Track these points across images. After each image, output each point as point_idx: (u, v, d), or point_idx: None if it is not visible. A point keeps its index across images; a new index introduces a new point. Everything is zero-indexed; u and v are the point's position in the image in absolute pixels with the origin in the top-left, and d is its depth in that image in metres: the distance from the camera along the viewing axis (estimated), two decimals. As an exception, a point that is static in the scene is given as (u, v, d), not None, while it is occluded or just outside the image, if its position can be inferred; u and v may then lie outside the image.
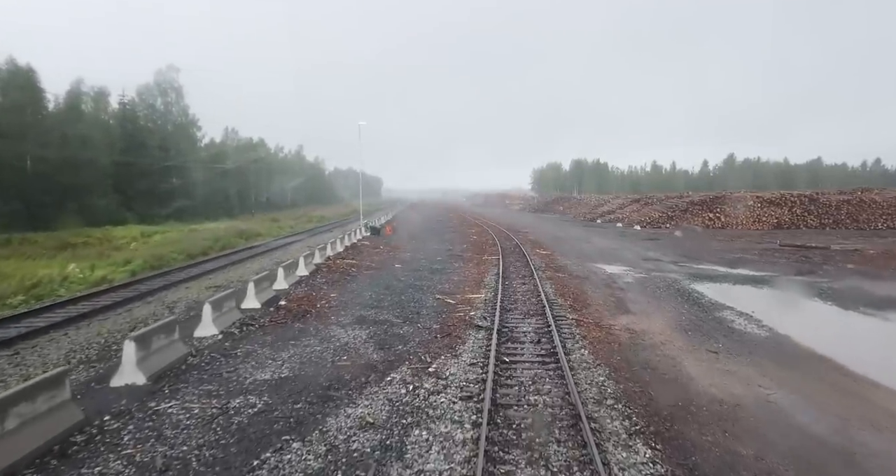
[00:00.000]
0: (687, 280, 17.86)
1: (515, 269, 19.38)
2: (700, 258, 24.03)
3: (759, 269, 20.33)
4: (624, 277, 18.44)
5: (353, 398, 6.82)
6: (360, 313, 11.84)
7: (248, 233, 33.82)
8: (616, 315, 12.39)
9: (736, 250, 27.46)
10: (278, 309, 11.86)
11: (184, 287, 14.48)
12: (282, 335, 9.74)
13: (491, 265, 20.39)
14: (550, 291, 15.06)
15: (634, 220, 50.74)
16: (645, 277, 18.43)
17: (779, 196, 48.25)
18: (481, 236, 33.81)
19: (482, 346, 9.42)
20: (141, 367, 6.75)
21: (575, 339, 9.91)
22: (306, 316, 11.35)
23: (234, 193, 70.20)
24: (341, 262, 20.04)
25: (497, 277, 17.18)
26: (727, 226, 45.87)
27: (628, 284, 16.97)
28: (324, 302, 12.92)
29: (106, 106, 46.27)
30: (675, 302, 14.15)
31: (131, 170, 47.81)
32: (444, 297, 13.89)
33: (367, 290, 14.84)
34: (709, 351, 9.49)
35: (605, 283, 17.20)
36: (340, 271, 18.07)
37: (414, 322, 11.16)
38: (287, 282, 14.68)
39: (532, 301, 13.54)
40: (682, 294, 15.29)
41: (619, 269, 20.40)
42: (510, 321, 11.37)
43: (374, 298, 13.60)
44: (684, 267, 21.22)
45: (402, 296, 14.11)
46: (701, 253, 26.24)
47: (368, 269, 19.14)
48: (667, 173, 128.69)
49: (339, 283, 15.85)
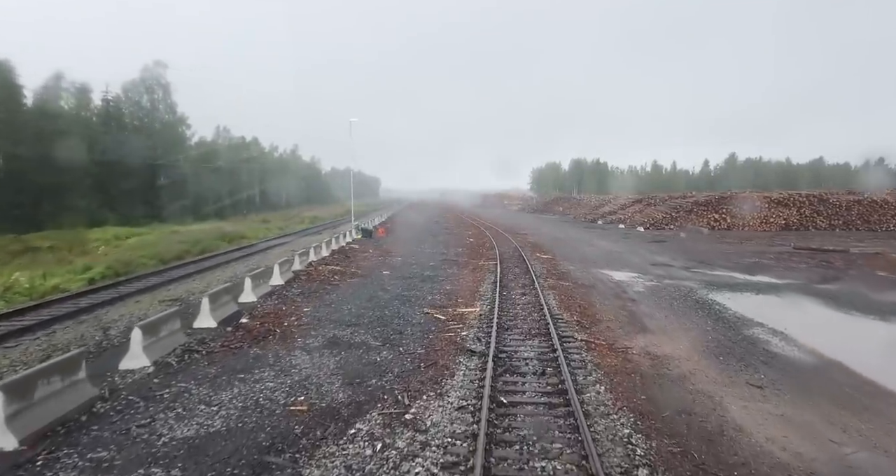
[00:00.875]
0: (704, 289, 16.16)
1: (514, 277, 17.67)
2: (712, 263, 22.35)
3: (780, 276, 18.65)
4: (634, 286, 16.75)
5: (298, 467, 5.09)
6: (333, 333, 10.10)
7: (233, 235, 32.06)
8: (631, 334, 10.68)
9: (749, 254, 25.80)
10: (237, 328, 10.12)
11: (134, 301, 12.67)
12: (231, 366, 8.00)
13: (488, 272, 18.68)
14: (554, 304, 13.35)
15: (637, 221, 49.09)
16: (657, 286, 16.73)
17: (786, 196, 46.64)
18: (478, 239, 32.10)
19: (475, 379, 7.70)
20: (12, 426, 4.99)
21: (587, 369, 8.20)
22: (268, 337, 9.62)
23: (226, 194, 68.39)
24: (324, 268, 18.29)
25: (494, 286, 15.48)
26: (733, 227, 44.27)
27: (640, 295, 15.26)
28: (294, 318, 11.18)
29: (88, 103, 44.34)
30: (696, 316, 12.44)
31: (115, 169, 45.96)
32: (433, 312, 12.17)
33: (347, 302, 13.11)
34: (751, 385, 7.78)
35: (614, 292, 15.50)
36: (321, 280, 16.34)
37: (395, 345, 9.43)
38: (256, 293, 12.94)
39: (534, 317, 11.82)
40: (702, 306, 13.59)
41: (627, 276, 18.71)
42: (509, 344, 9.65)
43: (354, 314, 11.87)
44: (697, 273, 19.53)
45: (386, 310, 12.39)
46: (712, 257, 24.57)
47: (353, 276, 17.41)
48: (667, 173, 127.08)
49: (316, 294, 14.11)
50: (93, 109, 45.26)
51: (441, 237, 33.66)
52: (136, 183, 49.03)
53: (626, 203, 62.01)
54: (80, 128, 41.48)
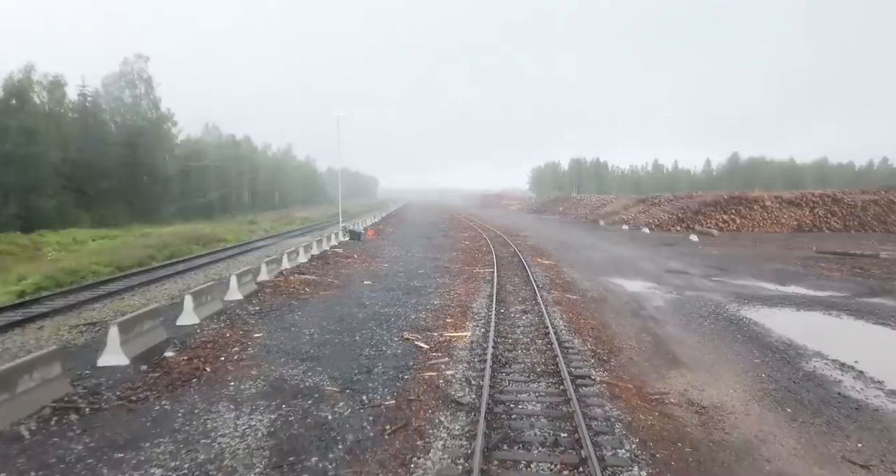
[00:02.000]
0: (733, 303, 13.91)
1: (514, 288, 15.40)
2: (734, 270, 20.10)
3: (817, 287, 16.40)
4: (651, 299, 14.48)
5: None
6: (280, 373, 7.81)
7: (209, 238, 29.69)
8: (663, 370, 8.41)
9: (770, 259, 23.55)
10: (155, 366, 7.81)
11: (35, 327, 10.20)
12: (114, 436, 5.69)
13: (483, 282, 16.41)
14: (561, 325, 11.08)
15: (641, 221, 46.87)
16: (678, 299, 14.47)
17: (798, 196, 44.48)
18: (475, 242, 29.81)
19: (459, 455, 5.42)
20: None
21: (615, 435, 5.92)
22: (191, 381, 7.32)
23: (215, 194, 66.00)
24: (296, 278, 15.98)
25: (490, 301, 13.21)
26: (742, 228, 42.14)
27: (661, 311, 13.00)
28: (236, 349, 8.87)
29: (62, 97, 41.90)
30: (736, 342, 10.17)
31: (92, 168, 43.59)
32: (414, 338, 9.89)
33: (311, 324, 10.81)
34: (848, 461, 5.52)
35: (631, 309, 13.22)
36: (288, 293, 14.03)
37: (358, 391, 7.15)
38: (201, 313, 10.63)
39: (538, 345, 9.54)
40: (738, 327, 11.32)
41: (641, 287, 16.45)
42: (507, 389, 7.36)
43: (315, 341, 9.57)
44: (721, 283, 17.28)
45: (358, 334, 10.10)
46: (731, 263, 22.32)
47: (328, 288, 15.12)
48: (668, 173, 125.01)
49: (277, 313, 11.81)
50: (67, 105, 42.71)
51: (435, 240, 31.38)
52: (116, 182, 46.68)
53: (629, 203, 59.81)
54: (53, 124, 39.02)
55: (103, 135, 46.24)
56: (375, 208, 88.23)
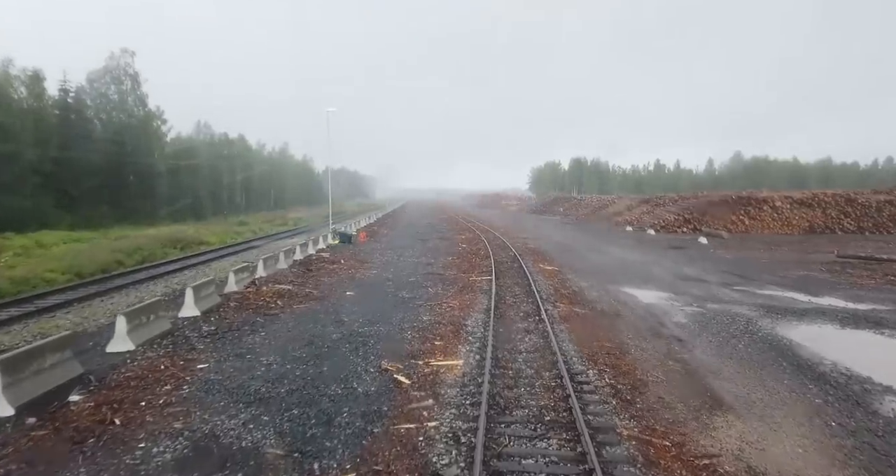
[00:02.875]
0: (765, 318, 12.14)
1: (514, 300, 13.63)
2: (755, 277, 18.34)
3: (854, 298, 14.64)
4: (671, 313, 12.72)
5: None
6: (212, 426, 6.02)
7: (191, 240, 27.90)
8: (704, 416, 6.64)
9: (790, 265, 21.80)
10: (48, 419, 6.00)
11: None
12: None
13: (480, 292, 14.63)
14: (571, 350, 9.31)
15: (646, 223, 45.13)
16: (701, 314, 12.70)
17: (810, 196, 42.74)
18: (472, 244, 28.02)
19: None
20: None
21: (662, 537, 4.14)
22: (86, 442, 5.53)
23: (206, 194, 64.17)
24: (269, 289, 14.19)
25: (487, 317, 11.45)
26: (751, 230, 40.39)
27: (684, 329, 11.23)
28: (167, 388, 7.09)
29: (41, 92, 40.05)
30: (786, 374, 8.40)
31: (75, 166, 41.76)
32: (394, 369, 8.11)
33: (271, 350, 9.02)
34: None
35: (650, 326, 11.45)
36: (256, 307, 12.25)
37: (309, 457, 5.37)
38: (138, 337, 8.84)
39: (545, 379, 7.77)
40: (783, 352, 9.55)
41: (656, 297, 14.69)
42: (507, 454, 5.58)
43: (272, 375, 7.79)
44: (744, 292, 15.52)
45: (326, 364, 8.33)
46: (749, 269, 20.56)
47: (305, 300, 13.33)
48: (670, 172, 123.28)
49: (235, 334, 10.02)
50: (47, 100, 40.85)
51: (430, 242, 29.60)
52: (100, 181, 44.82)
53: (633, 204, 58.07)
54: (30, 120, 37.20)
55: (87, 132, 44.38)
56: (373, 209, 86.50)
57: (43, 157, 37.66)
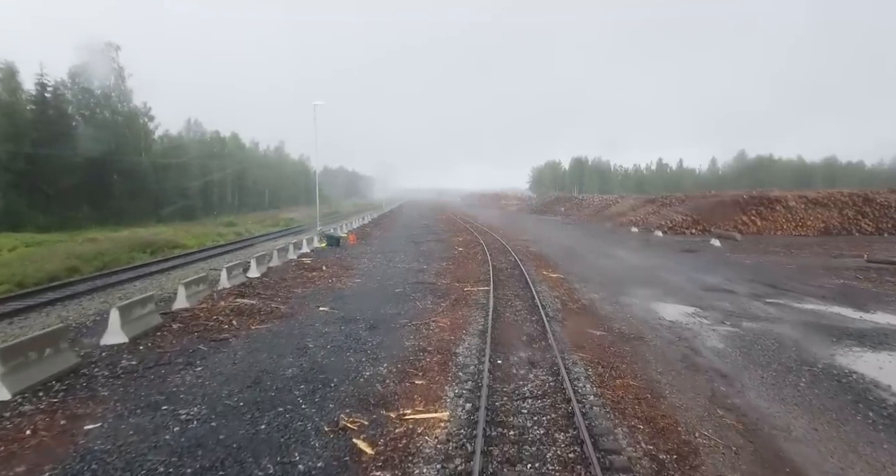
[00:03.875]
0: (821, 344, 10.07)
1: (515, 317, 11.56)
2: (787, 287, 16.28)
3: (912, 315, 12.57)
4: (702, 335, 10.64)
5: None
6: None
7: (165, 243, 25.81)
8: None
9: (819, 271, 19.73)
10: None
11: None
12: None
13: (475, 307, 12.56)
14: (590, 393, 7.25)
15: (653, 223, 43.06)
16: (739, 335, 10.63)
17: (825, 195, 40.68)
18: (469, 248, 25.93)
19: None
20: None
21: None
22: None
23: (196, 193, 62.04)
24: (228, 304, 12.09)
25: (482, 341, 9.41)
26: (763, 231, 38.36)
27: (725, 359, 9.15)
28: (19, 470, 4.99)
29: (16, 87, 37.95)
30: (878, 431, 6.33)
31: (52, 164, 39.65)
32: (354, 428, 6.03)
33: (200, 397, 6.92)
34: None
35: (682, 354, 9.37)
36: (204, 329, 10.16)
37: None
38: (26, 378, 6.74)
39: (559, 446, 5.69)
40: (862, 396, 7.48)
41: (681, 313, 12.61)
42: None
43: (184, 441, 5.69)
44: (780, 307, 13.45)
45: (266, 419, 6.24)
46: (777, 277, 18.49)
47: (267, 318, 11.25)
48: (672, 172, 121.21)
49: (161, 370, 7.92)
50: (21, 95, 38.75)
51: (424, 245, 27.52)
52: (80, 181, 42.72)
53: (637, 203, 55.98)
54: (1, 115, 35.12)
55: (66, 128, 42.28)
56: (370, 208, 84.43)
57: (15, 155, 35.62)
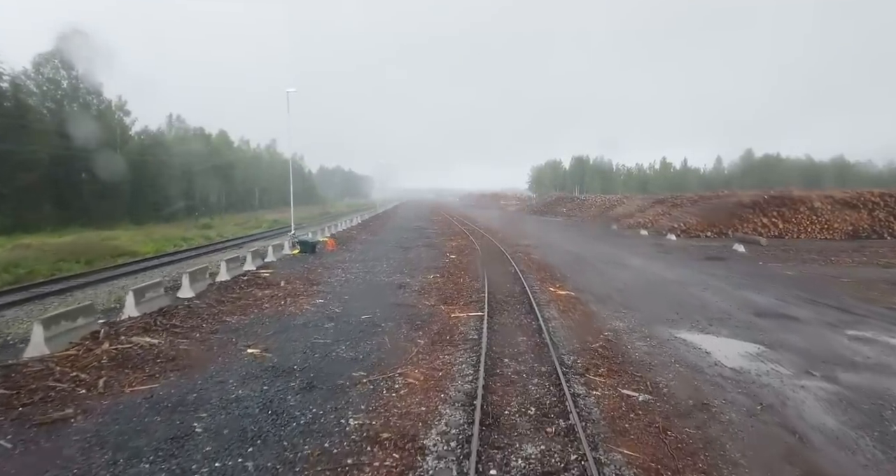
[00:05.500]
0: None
1: (517, 366, 8.12)
2: (860, 311, 12.89)
3: None
4: (792, 399, 7.24)
5: None
6: None
7: (111, 250, 22.35)
8: None
9: (884, 286, 16.36)
10: None
11: None
12: None
13: (463, 349, 9.13)
14: None
15: (664, 226, 39.70)
16: (847, 399, 7.24)
17: (855, 195, 37.37)
18: (463, 255, 22.50)
19: None
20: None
21: None
22: None
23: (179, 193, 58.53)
24: (109, 348, 8.62)
25: (468, 416, 5.95)
26: (785, 234, 35.10)
27: (852, 453, 5.74)
28: None
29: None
30: None
31: (7, 159, 36.21)
32: None
33: None
34: None
35: (782, 444, 5.96)
36: (45, 397, 6.72)
37: None
38: None
39: None
40: None
41: (743, 355, 9.20)
42: None
43: None
44: (873, 344, 10.06)
45: None
46: (838, 294, 15.11)
47: (161, 372, 7.82)
48: (676, 171, 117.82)
49: None
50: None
51: (413, 251, 24.10)
52: (42, 178, 39.28)
53: (645, 204, 52.61)
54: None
55: (25, 122, 38.82)
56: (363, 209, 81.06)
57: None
